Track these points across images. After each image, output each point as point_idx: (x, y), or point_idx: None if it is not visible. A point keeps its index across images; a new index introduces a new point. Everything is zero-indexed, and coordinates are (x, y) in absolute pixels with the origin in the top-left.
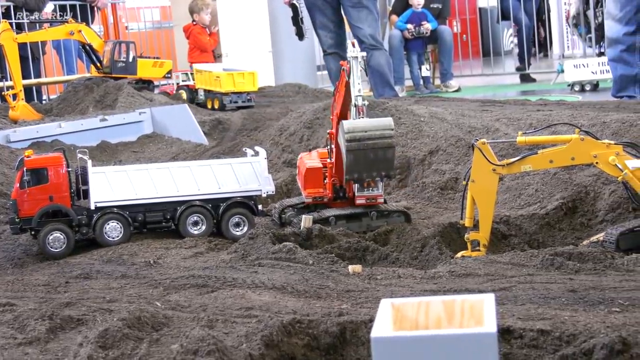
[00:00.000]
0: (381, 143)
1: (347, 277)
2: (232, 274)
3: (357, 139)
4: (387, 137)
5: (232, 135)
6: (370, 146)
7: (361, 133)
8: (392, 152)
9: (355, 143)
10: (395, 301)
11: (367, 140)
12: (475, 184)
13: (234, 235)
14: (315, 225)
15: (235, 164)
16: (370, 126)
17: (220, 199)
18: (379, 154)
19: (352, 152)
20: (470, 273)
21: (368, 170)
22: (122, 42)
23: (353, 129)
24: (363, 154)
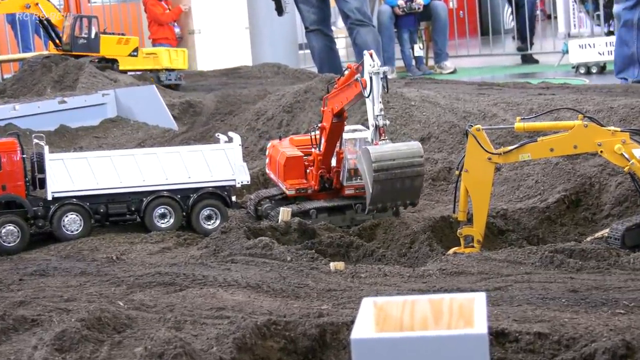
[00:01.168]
0: (410, 172)
1: (329, 275)
2: (203, 271)
3: (385, 168)
4: (417, 165)
5: (204, 119)
6: (398, 175)
7: (389, 162)
8: (420, 180)
9: (383, 173)
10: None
11: (396, 169)
12: (469, 174)
13: (205, 229)
14: (294, 219)
15: (207, 151)
16: (399, 154)
17: (190, 189)
18: (407, 183)
19: (379, 183)
20: (463, 271)
21: (393, 199)
22: (83, 17)
23: (381, 158)
24: (390, 183)
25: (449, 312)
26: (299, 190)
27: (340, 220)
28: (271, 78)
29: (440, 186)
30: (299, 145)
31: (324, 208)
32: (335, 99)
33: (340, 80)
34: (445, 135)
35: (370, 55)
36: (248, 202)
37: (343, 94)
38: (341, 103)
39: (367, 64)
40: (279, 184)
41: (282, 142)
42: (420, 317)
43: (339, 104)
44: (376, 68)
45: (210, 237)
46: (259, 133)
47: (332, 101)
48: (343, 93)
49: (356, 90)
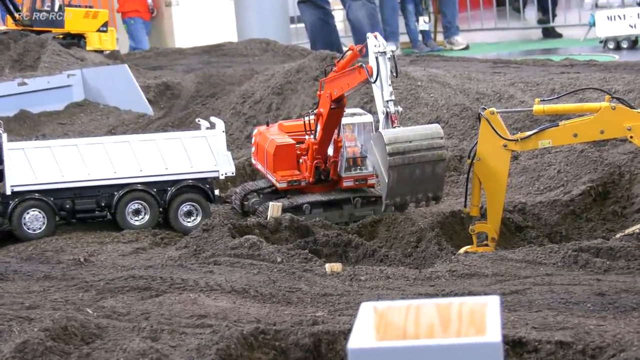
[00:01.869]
0: (430, 155)
1: (324, 278)
2: (182, 275)
3: (402, 151)
4: (437, 147)
5: (183, 103)
6: (416, 160)
7: (405, 144)
8: (442, 166)
9: (399, 157)
10: (378, 305)
11: (414, 152)
12: (482, 163)
13: (184, 226)
14: (285, 215)
15: (186, 139)
16: (415, 135)
17: (167, 182)
18: (427, 169)
19: (396, 169)
20: (476, 273)
21: (413, 190)
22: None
23: (395, 139)
24: (408, 170)
25: (458, 318)
26: (291, 183)
27: (337, 216)
28: (259, 56)
29: (450, 177)
30: (290, 131)
31: (319, 202)
32: (335, 84)
33: (341, 62)
34: (456, 120)
35: (375, 37)
36: (233, 196)
37: (344, 79)
38: (341, 89)
39: (372, 45)
40: (268, 175)
41: (271, 128)
42: (426, 324)
43: (338, 90)
44: (382, 48)
45: (190, 235)
46: (245, 118)
47: (330, 85)
48: (344, 78)
49: (360, 77)
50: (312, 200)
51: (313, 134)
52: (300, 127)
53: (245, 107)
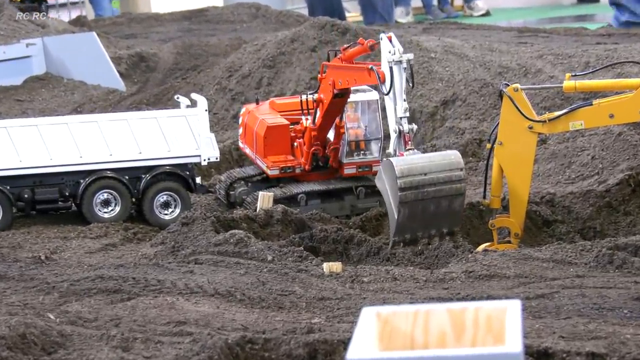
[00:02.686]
0: (448, 190)
1: (321, 279)
2: (158, 275)
3: (415, 185)
4: (456, 180)
5: (159, 77)
6: (431, 194)
7: (420, 177)
8: (461, 201)
9: (412, 192)
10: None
11: (429, 186)
12: (504, 148)
13: (160, 219)
14: (277, 206)
15: (163, 119)
16: (432, 166)
17: (141, 168)
18: (443, 204)
19: (407, 205)
20: (496, 274)
21: (425, 226)
22: None
23: (408, 171)
24: (422, 206)
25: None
26: (284, 170)
27: (337, 209)
28: (247, 23)
29: (468, 164)
30: (284, 110)
31: (316, 192)
32: (340, 74)
33: (347, 52)
34: (475, 98)
35: (390, 40)
36: (217, 185)
37: (351, 74)
38: (347, 83)
39: (385, 51)
40: (257, 161)
41: (261, 106)
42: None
43: (343, 82)
44: (397, 56)
45: (167, 230)
46: (231, 95)
47: (334, 73)
48: (351, 72)
49: (369, 79)
50: (309, 190)
51: (312, 118)
52: (295, 106)
53: (231, 82)
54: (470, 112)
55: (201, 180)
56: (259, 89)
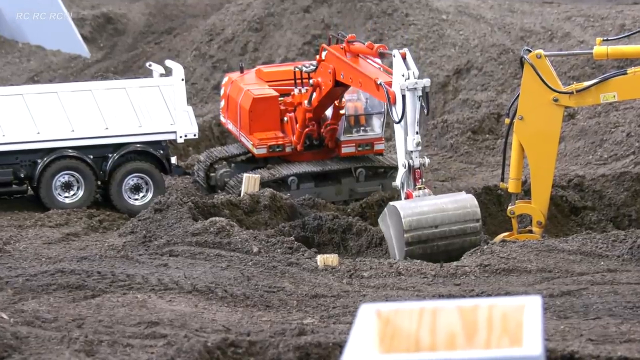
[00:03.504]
0: (461, 243)
1: (315, 273)
2: (127, 269)
3: (424, 240)
4: (471, 233)
5: (129, 41)
6: (441, 248)
7: (430, 230)
8: (474, 243)
9: (419, 247)
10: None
11: (439, 240)
12: (525, 124)
13: (130, 205)
14: (265, 190)
15: (133, 90)
16: (444, 217)
17: (108, 146)
18: (454, 254)
19: (413, 253)
20: (515, 268)
21: (428, 258)
22: None
23: (417, 224)
24: (429, 253)
25: (487, 325)
26: (272, 148)
27: (333, 193)
28: None
29: (484, 142)
30: (272, 80)
31: (309, 174)
32: (343, 68)
33: (353, 47)
34: (492, 66)
35: (403, 58)
36: (196, 165)
37: (357, 75)
38: (350, 81)
39: (398, 73)
40: (242, 138)
41: (246, 75)
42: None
43: (346, 78)
44: (412, 81)
45: (138, 217)
46: (211, 62)
47: (337, 64)
48: (358, 75)
49: (376, 93)
50: (301, 172)
51: (307, 98)
52: (286, 74)
53: (212, 48)
54: (487, 83)
55: (177, 160)
56: (244, 55)
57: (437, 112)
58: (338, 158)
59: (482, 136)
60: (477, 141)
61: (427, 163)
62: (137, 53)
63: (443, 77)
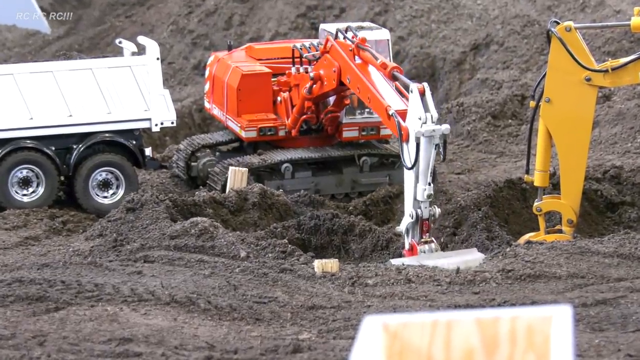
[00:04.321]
0: None
1: (312, 282)
2: (95, 277)
3: None
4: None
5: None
6: None
7: None
8: None
9: None
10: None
11: None
12: (553, 107)
13: (98, 204)
14: (254, 186)
15: (101, 71)
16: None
17: (72, 136)
18: None
19: None
20: (542, 273)
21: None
22: None
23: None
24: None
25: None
26: (264, 132)
27: (333, 184)
28: None
29: (506, 128)
30: (264, 58)
31: (305, 162)
32: (352, 74)
33: (365, 56)
34: (515, 40)
35: (421, 94)
36: (175, 155)
37: (365, 90)
38: (357, 91)
39: (414, 114)
40: (229, 122)
41: (235, 53)
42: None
43: (352, 85)
44: (429, 127)
45: (107, 218)
46: (191, 38)
47: (344, 65)
48: (367, 90)
49: (387, 121)
50: (296, 158)
51: (307, 89)
52: (281, 52)
53: (191, 22)
54: (509, 60)
55: (152, 152)
56: (229, 30)
57: (452, 94)
58: (339, 144)
59: (504, 121)
60: (498, 127)
61: (438, 214)
62: (105, 28)
63: (458, 54)
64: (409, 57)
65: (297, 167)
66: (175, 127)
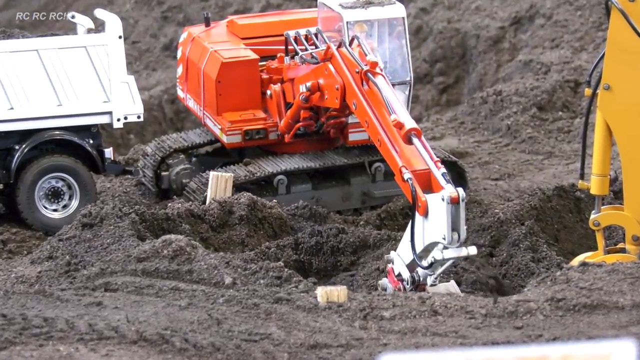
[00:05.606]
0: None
1: (314, 313)
2: (45, 310)
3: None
4: None
5: None
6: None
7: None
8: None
9: None
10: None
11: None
12: (614, 95)
13: (47, 218)
14: (240, 195)
15: (48, 52)
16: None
17: (13, 134)
18: None
19: None
20: (601, 303)
21: None
22: None
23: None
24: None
25: None
26: (250, 135)
27: (339, 198)
28: None
29: (555, 122)
30: (251, 37)
31: (304, 172)
32: (359, 103)
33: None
34: (566, 12)
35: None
36: (141, 161)
37: (375, 131)
38: (366, 125)
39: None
40: (207, 120)
41: (213, 30)
42: None
43: (359, 115)
44: (452, 252)
45: (58, 236)
46: (161, 11)
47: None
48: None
49: (402, 185)
50: (292, 168)
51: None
52: (270, 28)
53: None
54: (559, 37)
55: (113, 153)
56: (207, 1)
57: (488, 80)
58: (344, 148)
59: (553, 114)
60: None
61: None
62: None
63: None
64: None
65: (294, 179)
66: (142, 122)
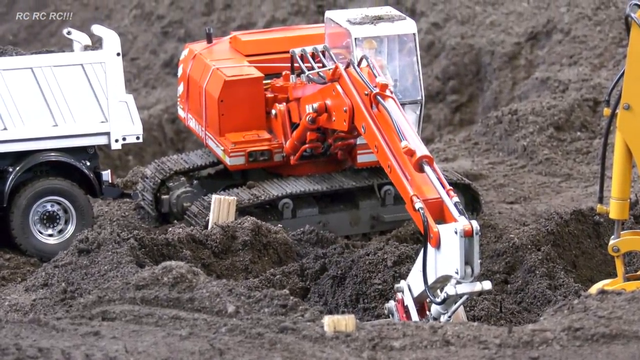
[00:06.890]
0: None
1: (321, 343)
2: (39, 340)
3: None
4: None
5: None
6: None
7: None
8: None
9: None
10: None
11: None
12: (634, 115)
13: (41, 244)
14: (244, 220)
15: (43, 70)
16: None
17: (6, 155)
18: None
19: None
20: (621, 332)
21: None
22: None
23: None
24: None
25: None
26: (254, 157)
27: (347, 222)
28: None
29: (573, 143)
30: (255, 54)
31: (310, 194)
32: (368, 127)
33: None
34: (585, 28)
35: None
36: (140, 184)
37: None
38: (375, 150)
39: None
40: (209, 141)
41: (216, 46)
42: None
43: (368, 140)
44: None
45: (54, 263)
46: (161, 26)
47: (358, 111)
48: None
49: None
50: (298, 191)
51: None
52: (275, 45)
53: (161, 4)
54: (578, 54)
55: (111, 176)
56: (209, 16)
57: (503, 99)
58: (353, 170)
59: (571, 134)
60: (564, 142)
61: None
62: (46, 13)
63: (511, 45)
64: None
65: (300, 202)
66: (141, 143)
